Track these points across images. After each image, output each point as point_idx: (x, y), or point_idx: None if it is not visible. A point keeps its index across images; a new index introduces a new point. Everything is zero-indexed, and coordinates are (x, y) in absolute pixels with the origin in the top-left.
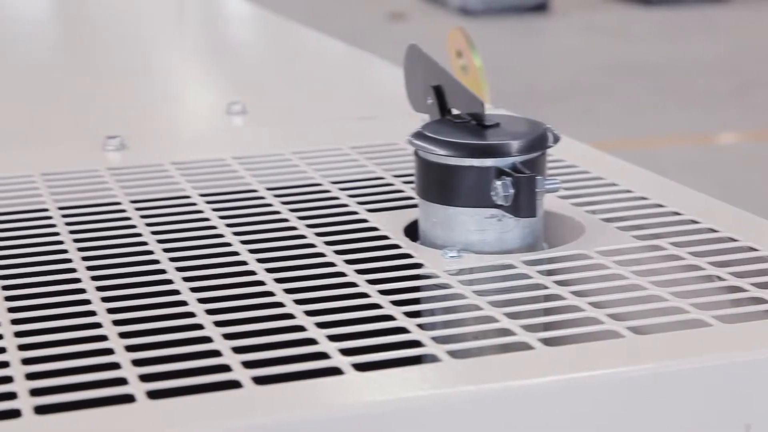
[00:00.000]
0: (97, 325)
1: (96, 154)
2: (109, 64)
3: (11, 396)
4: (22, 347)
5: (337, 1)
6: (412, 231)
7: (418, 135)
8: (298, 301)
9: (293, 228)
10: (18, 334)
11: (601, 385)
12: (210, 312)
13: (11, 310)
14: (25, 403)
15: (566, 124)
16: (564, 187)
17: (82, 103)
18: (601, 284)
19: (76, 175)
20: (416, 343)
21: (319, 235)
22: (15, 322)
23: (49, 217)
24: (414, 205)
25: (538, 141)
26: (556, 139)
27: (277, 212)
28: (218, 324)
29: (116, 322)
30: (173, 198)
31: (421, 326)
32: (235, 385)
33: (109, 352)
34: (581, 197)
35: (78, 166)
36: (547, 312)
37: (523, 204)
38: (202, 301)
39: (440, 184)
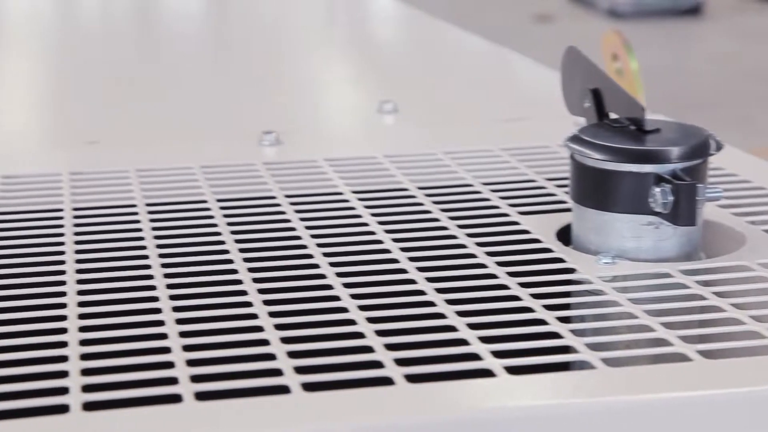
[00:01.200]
0: (254, 316)
1: (252, 148)
2: (264, 62)
3: (173, 381)
4: (183, 334)
5: (482, 1)
6: (564, 235)
7: (575, 138)
8: (450, 301)
9: (444, 228)
10: (179, 321)
11: (764, 402)
12: (362, 308)
13: (172, 297)
14: (186, 389)
15: (721, 131)
16: (724, 196)
17: (239, 99)
18: (763, 297)
19: (233, 169)
20: (567, 349)
21: (470, 236)
22: (176, 309)
23: (208, 209)
24: (567, 210)
25: (700, 148)
26: (719, 147)
27: (428, 211)
28: (370, 320)
29: (272, 314)
30: (326, 194)
31: (572, 332)
32: (387, 381)
33: (264, 342)
34: (741, 207)
35: (235, 159)
36: (705, 324)
37: (682, 212)
38: (354, 297)
39: (596, 189)
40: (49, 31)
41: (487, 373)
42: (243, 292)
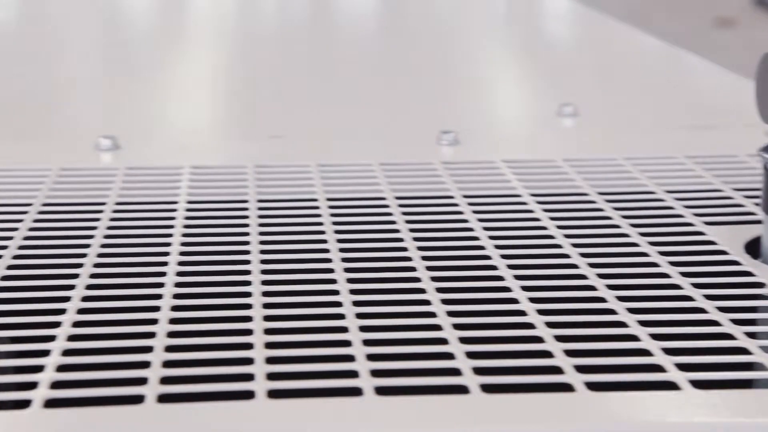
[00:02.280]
0: (432, 315)
1: (430, 147)
2: (441, 61)
3: (353, 374)
4: (363, 329)
5: (661, 3)
6: (753, 248)
7: None
8: (632, 310)
9: (625, 235)
10: (359, 316)
11: None
12: (541, 312)
13: (353, 292)
14: (366, 383)
15: None
16: None
17: (417, 98)
18: None
19: (411, 167)
20: (755, 366)
21: (652, 244)
22: (356, 303)
23: (387, 206)
24: (757, 221)
25: None
26: None
27: (609, 218)
28: (549, 325)
29: (450, 314)
30: (504, 195)
31: (761, 348)
32: (566, 388)
33: (443, 341)
34: None
35: (413, 158)
36: None
37: None
38: (533, 300)
39: None
40: (235, 27)
41: (670, 386)
42: (421, 290)
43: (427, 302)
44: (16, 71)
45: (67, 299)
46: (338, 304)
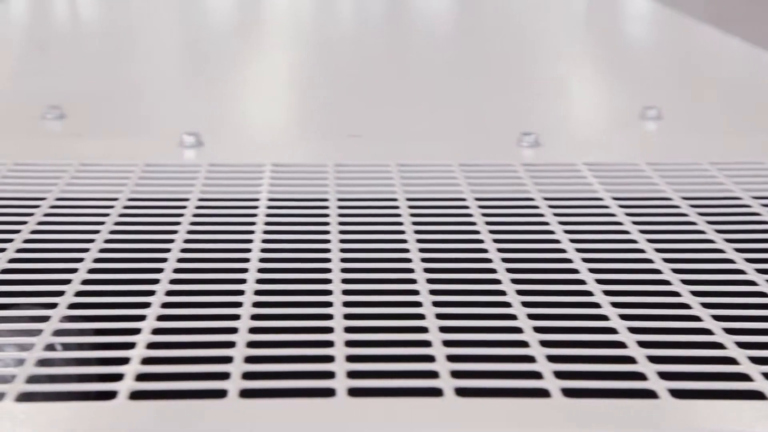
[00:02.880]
0: (513, 317)
1: (511, 149)
2: (520, 62)
3: (434, 375)
4: (443, 329)
5: (744, 3)
6: None
7: None
8: (716, 317)
9: (710, 241)
10: (439, 317)
11: None
12: (624, 317)
13: (432, 292)
14: (446, 383)
15: None
16: None
17: (497, 98)
18: None
19: (491, 168)
20: None
21: (738, 251)
22: (436, 304)
23: (467, 207)
24: None
25: None
26: None
27: (693, 223)
28: (632, 330)
29: (531, 317)
30: (585, 199)
31: None
32: (650, 395)
33: (523, 344)
34: None
35: (494, 159)
36: None
37: None
38: (615, 305)
39: None
40: (314, 26)
41: (757, 395)
42: (501, 292)
43: (507, 304)
44: (104, 70)
45: (151, 293)
46: (418, 305)
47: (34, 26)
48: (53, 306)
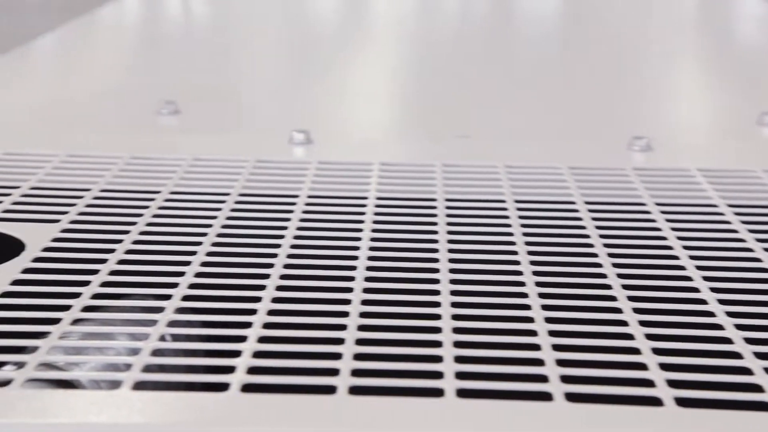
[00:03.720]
0: (623, 323)
1: (622, 153)
2: (629, 64)
3: (543, 379)
4: (552, 333)
5: None
6: None
7: None
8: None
9: None
10: (548, 320)
11: None
12: (739, 327)
13: (541, 296)
14: (556, 388)
15: None
16: None
17: (606, 101)
18: None
19: (601, 172)
20: None
21: None
22: (545, 308)
23: (576, 210)
24: None
25: None
26: None
27: None
28: (748, 341)
29: (643, 323)
30: (699, 204)
31: None
32: (766, 407)
33: (635, 351)
34: None
35: (604, 163)
36: None
37: None
38: (730, 315)
39: None
40: (418, 26)
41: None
42: (612, 298)
43: (618, 310)
44: (216, 67)
45: (262, 287)
46: (527, 307)
47: (148, 23)
48: (167, 297)
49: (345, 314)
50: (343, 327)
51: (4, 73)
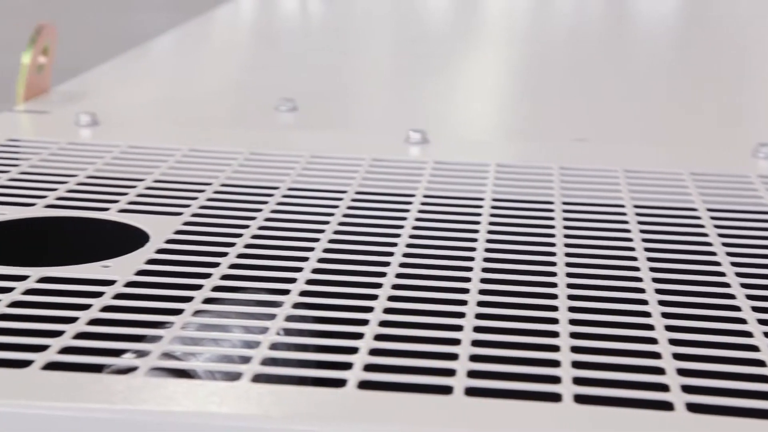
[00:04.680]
0: (748, 334)
1: (746, 159)
2: (754, 69)
3: (664, 388)
4: (673, 342)
5: None
6: None
7: None
8: None
9: None
10: (669, 328)
11: None
12: None
13: (662, 303)
14: (677, 397)
15: None
16: None
17: (731, 106)
18: None
19: (725, 179)
20: None
21: None
22: (665, 315)
23: (698, 217)
24: None
25: None
26: None
27: None
28: None
29: None
30: None
31: None
32: None
33: (761, 363)
34: None
35: (727, 169)
36: None
37: None
38: None
39: None
40: (532, 26)
41: None
42: (736, 308)
43: (742, 321)
44: (332, 65)
45: (378, 285)
46: (647, 315)
47: (264, 23)
48: (285, 292)
49: (461, 315)
50: (459, 328)
51: (126, 69)
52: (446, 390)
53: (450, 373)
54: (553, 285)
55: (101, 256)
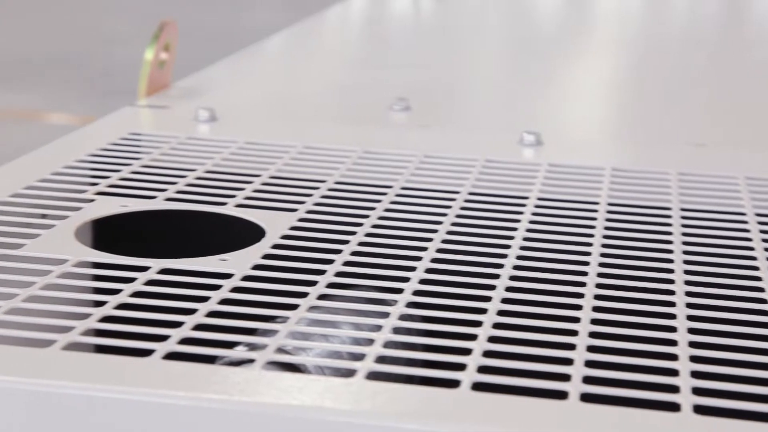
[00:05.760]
0: None
1: None
2: None
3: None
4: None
5: None
6: None
7: None
8: None
9: None
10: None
11: None
12: None
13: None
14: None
15: None
16: None
17: None
18: None
19: None
20: None
21: None
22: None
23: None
24: None
25: None
26: None
27: None
28: None
29: None
30: None
31: None
32: None
33: None
34: None
35: None
36: None
37: None
38: None
39: None
40: (645, 27)
41: None
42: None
43: None
44: (444, 65)
45: (492, 287)
46: None
47: (376, 22)
48: (398, 291)
49: (576, 320)
50: (574, 333)
51: (243, 66)
52: (561, 395)
53: (565, 378)
54: (671, 293)
55: (218, 249)
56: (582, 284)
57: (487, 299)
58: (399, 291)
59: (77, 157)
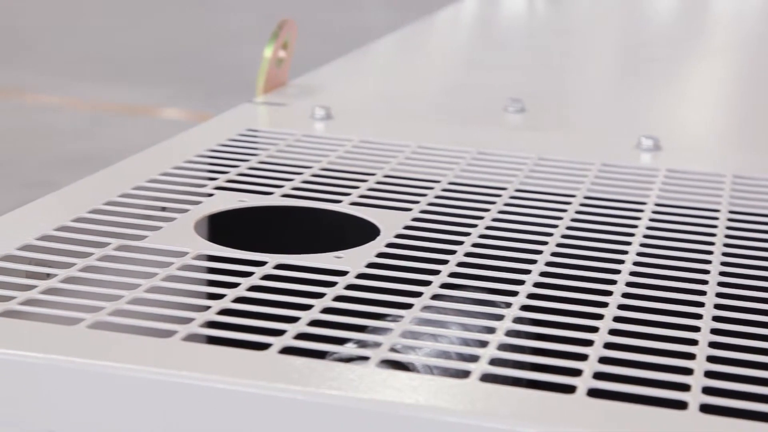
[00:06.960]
0: None
1: None
2: None
3: (684, 387)
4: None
5: None
6: None
7: None
8: None
9: None
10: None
11: None
12: None
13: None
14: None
15: None
16: None
17: None
18: None
19: None
20: None
21: None
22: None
23: None
24: None
25: None
26: None
27: None
28: None
29: None
30: None
31: None
32: None
33: None
34: None
35: None
36: None
37: None
38: None
39: None
40: (763, 30)
41: None
42: None
43: None
44: (559, 67)
45: (608, 293)
46: None
47: (489, 24)
48: (512, 294)
49: (696, 329)
50: (693, 342)
51: (358, 65)
52: (681, 405)
53: (684, 388)
54: (702, 293)
55: (333, 246)
56: (702, 293)
57: (604, 305)
58: (513, 294)
59: (197, 152)
